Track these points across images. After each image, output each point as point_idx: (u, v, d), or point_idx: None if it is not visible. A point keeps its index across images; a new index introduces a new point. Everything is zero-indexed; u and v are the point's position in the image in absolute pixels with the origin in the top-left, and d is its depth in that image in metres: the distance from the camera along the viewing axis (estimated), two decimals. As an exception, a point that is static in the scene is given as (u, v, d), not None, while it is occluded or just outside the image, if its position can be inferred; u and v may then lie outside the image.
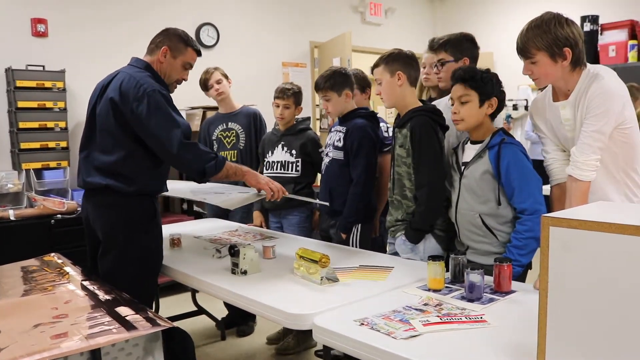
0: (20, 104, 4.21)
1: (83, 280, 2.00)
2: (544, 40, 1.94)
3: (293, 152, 3.27)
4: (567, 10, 2.05)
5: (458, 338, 1.51)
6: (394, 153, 2.49)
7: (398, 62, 2.43)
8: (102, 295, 1.81)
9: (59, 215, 4.05)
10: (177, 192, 2.84)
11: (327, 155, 2.99)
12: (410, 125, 2.38)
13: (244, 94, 4.58)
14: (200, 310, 3.78)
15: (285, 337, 3.41)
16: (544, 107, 2.17)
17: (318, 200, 2.92)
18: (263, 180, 2.59)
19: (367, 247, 2.78)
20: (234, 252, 2.24)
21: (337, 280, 2.06)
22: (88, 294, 1.84)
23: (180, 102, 3.82)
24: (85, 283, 1.96)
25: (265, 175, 3.25)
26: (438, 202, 2.33)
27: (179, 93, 2.72)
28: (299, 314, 1.75)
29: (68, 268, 2.20)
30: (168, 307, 3.99)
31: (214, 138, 3.77)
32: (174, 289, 4.42)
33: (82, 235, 2.55)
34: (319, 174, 3.18)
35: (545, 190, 2.19)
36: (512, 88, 6.62)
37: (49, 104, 4.34)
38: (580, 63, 1.99)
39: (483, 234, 2.19)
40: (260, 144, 3.53)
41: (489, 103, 2.17)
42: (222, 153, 3.68)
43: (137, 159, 2.33)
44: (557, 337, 1.19)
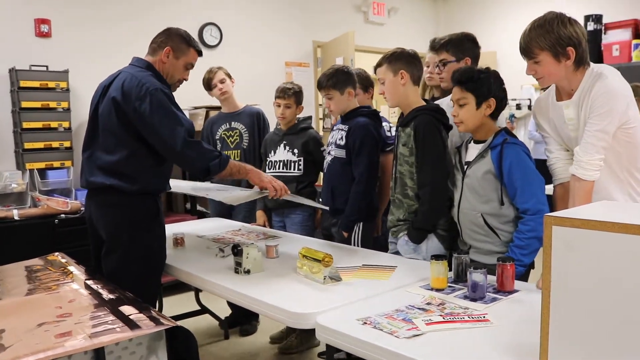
0: (24, 104, 4.23)
1: (87, 280, 2.00)
2: (547, 40, 1.93)
3: (295, 151, 3.27)
4: (570, 10, 2.04)
5: (461, 337, 1.52)
6: (397, 152, 2.49)
7: (401, 61, 2.43)
8: (105, 295, 1.82)
9: (63, 215, 4.06)
10: (179, 188, 2.84)
11: (329, 154, 2.99)
12: (414, 124, 2.38)
13: (247, 94, 4.59)
14: (204, 310, 3.79)
15: (288, 336, 3.41)
16: (548, 106, 2.17)
17: (317, 204, 2.93)
18: (266, 179, 2.59)
19: (368, 245, 2.79)
20: (237, 251, 2.24)
21: (340, 280, 2.07)
22: (92, 293, 1.84)
23: (184, 101, 3.82)
24: (89, 282, 1.97)
25: (267, 174, 3.26)
26: (441, 201, 2.33)
27: (182, 92, 2.73)
28: (302, 313, 1.76)
29: (72, 267, 2.20)
30: (171, 306, 4.00)
31: (217, 137, 3.77)
32: (178, 288, 4.43)
33: (85, 235, 2.56)
34: (322, 173, 3.19)
35: (549, 190, 2.19)
36: (515, 87, 6.61)
37: (53, 104, 4.35)
38: (584, 62, 1.99)
39: (485, 234, 2.19)
40: (263, 144, 3.53)
41: (487, 104, 2.16)
42: (225, 152, 3.67)
43: (140, 158, 2.34)
44: (559, 336, 1.19)
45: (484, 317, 1.65)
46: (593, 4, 6.11)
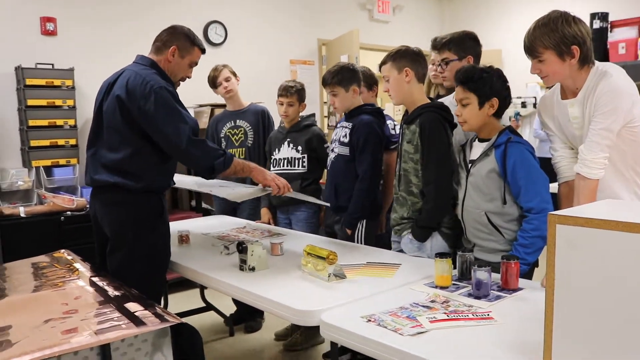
0: (30, 102, 4.24)
1: (92, 277, 2.01)
2: (552, 39, 1.93)
3: (299, 148, 3.28)
4: (576, 8, 2.04)
5: (465, 335, 1.52)
6: (401, 149, 2.49)
7: (405, 58, 2.43)
8: (111, 291, 1.83)
9: (69, 212, 4.08)
10: (183, 183, 2.85)
11: (332, 151, 3.00)
12: (420, 122, 2.37)
13: (252, 92, 4.60)
14: (209, 307, 3.80)
15: (293, 333, 3.42)
16: (552, 104, 2.17)
17: (318, 201, 2.94)
18: (270, 177, 2.60)
19: (371, 243, 2.79)
20: (242, 248, 2.25)
21: (344, 277, 2.07)
22: (97, 290, 1.86)
23: (189, 99, 3.84)
24: (95, 279, 1.98)
25: (272, 172, 3.27)
26: (445, 199, 2.33)
27: (188, 90, 2.74)
28: (307, 311, 1.76)
29: (78, 264, 2.22)
30: (177, 303, 4.02)
31: (222, 135, 3.78)
32: (183, 285, 4.45)
33: (91, 232, 2.57)
34: (325, 170, 3.19)
35: (553, 188, 2.19)
36: (520, 85, 6.59)
37: (59, 102, 4.37)
38: (589, 61, 1.98)
39: (489, 232, 2.19)
40: (267, 142, 3.54)
41: (490, 104, 2.16)
42: (230, 150, 3.69)
43: (144, 156, 2.35)
44: (563, 334, 1.19)
45: (488, 315, 1.65)
46: (599, 2, 6.09)
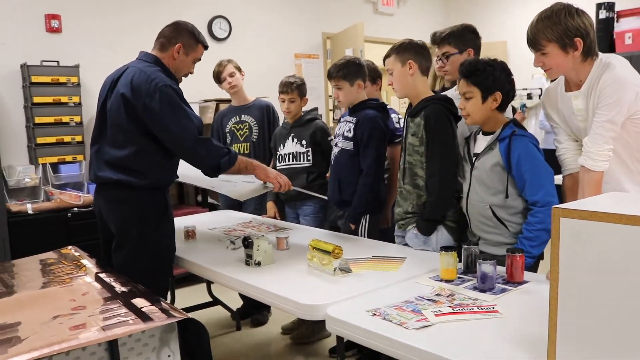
0: (36, 100, 4.26)
1: (100, 273, 2.03)
2: (555, 32, 1.92)
3: (303, 142, 3.29)
4: (581, -2, 2.02)
5: (470, 328, 1.52)
6: (405, 142, 2.48)
7: (409, 51, 2.43)
8: (118, 287, 1.84)
9: (76, 209, 4.11)
10: (186, 178, 2.85)
11: (336, 146, 3.00)
12: (425, 114, 2.37)
13: (257, 86, 4.60)
14: (216, 301, 3.82)
15: (300, 326, 3.44)
16: (556, 97, 2.16)
17: (317, 194, 2.95)
18: (272, 174, 2.63)
19: (375, 237, 2.79)
20: (248, 243, 2.26)
21: (350, 271, 2.08)
22: (104, 286, 1.87)
23: (194, 94, 3.85)
24: (102, 275, 1.99)
25: (278, 168, 3.29)
26: (449, 192, 2.33)
27: (193, 85, 2.74)
28: (312, 305, 1.77)
29: (85, 261, 2.23)
30: (184, 297, 4.04)
31: (227, 130, 3.79)
32: (190, 280, 4.47)
33: (97, 228, 2.59)
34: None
35: (558, 180, 2.18)
36: (526, 77, 6.56)
37: (64, 99, 4.38)
38: (592, 53, 1.97)
39: (494, 225, 2.18)
40: (272, 139, 3.55)
41: (493, 98, 2.15)
42: (234, 145, 3.70)
43: (148, 154, 2.35)
44: (567, 327, 1.19)
45: (493, 308, 1.65)
46: (605, -8, 6.03)
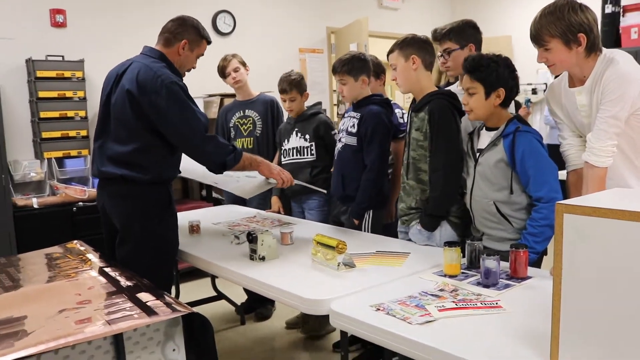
0: (41, 94, 4.28)
1: (105, 267, 2.04)
2: (558, 27, 1.91)
3: (307, 136, 3.30)
4: (587, -8, 2.01)
5: (473, 324, 1.53)
6: (409, 137, 2.48)
7: (412, 46, 2.42)
8: (123, 282, 1.85)
9: (81, 203, 4.12)
10: (188, 172, 2.86)
11: (340, 141, 3.00)
12: (429, 109, 2.37)
13: (261, 81, 4.60)
14: (220, 296, 3.84)
15: (304, 321, 3.45)
16: (560, 92, 2.15)
17: (316, 188, 2.96)
18: (275, 170, 2.65)
19: (378, 233, 2.80)
20: (252, 238, 2.26)
21: (354, 266, 2.08)
22: (110, 281, 1.88)
23: (198, 89, 3.85)
24: (107, 270, 2.00)
25: (283, 162, 3.30)
26: (453, 187, 2.33)
27: (197, 80, 2.74)
28: (316, 300, 1.78)
29: (90, 255, 2.24)
30: (188, 292, 4.05)
31: (231, 125, 3.79)
32: (194, 275, 4.49)
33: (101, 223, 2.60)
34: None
35: (562, 175, 2.18)
36: (531, 72, 6.53)
37: (69, 94, 4.40)
38: (596, 49, 1.96)
39: (497, 221, 2.18)
40: (277, 134, 3.56)
41: (496, 94, 2.14)
42: (238, 140, 3.71)
43: (152, 150, 2.35)
44: (570, 323, 1.19)
45: (497, 303, 1.66)
46: (611, -14, 5.98)
